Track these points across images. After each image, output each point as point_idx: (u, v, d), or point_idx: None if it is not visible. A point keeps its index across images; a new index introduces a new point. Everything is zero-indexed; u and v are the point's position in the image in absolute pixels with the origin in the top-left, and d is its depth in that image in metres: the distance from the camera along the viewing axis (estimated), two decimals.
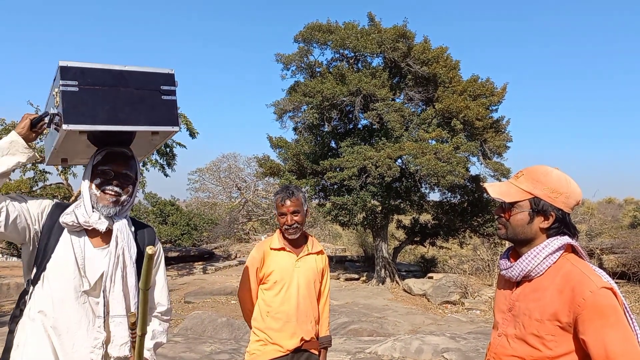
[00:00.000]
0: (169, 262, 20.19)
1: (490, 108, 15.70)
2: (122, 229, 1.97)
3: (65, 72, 1.76)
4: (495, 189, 1.77)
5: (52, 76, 1.87)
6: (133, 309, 1.97)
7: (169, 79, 1.95)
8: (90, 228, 1.93)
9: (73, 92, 1.76)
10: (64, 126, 1.73)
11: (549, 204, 1.68)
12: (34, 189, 14.37)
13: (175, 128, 1.94)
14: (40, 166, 14.22)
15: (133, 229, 2.06)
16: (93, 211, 1.93)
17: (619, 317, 1.53)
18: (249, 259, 3.05)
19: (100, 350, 1.90)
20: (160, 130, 1.93)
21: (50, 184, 14.75)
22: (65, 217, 1.91)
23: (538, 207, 1.69)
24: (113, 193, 1.95)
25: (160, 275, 2.19)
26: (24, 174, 14.28)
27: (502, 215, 1.77)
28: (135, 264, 1.99)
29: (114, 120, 1.82)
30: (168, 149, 15.56)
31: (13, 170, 1.87)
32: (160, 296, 2.19)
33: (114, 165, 1.98)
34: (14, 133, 1.84)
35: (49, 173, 14.52)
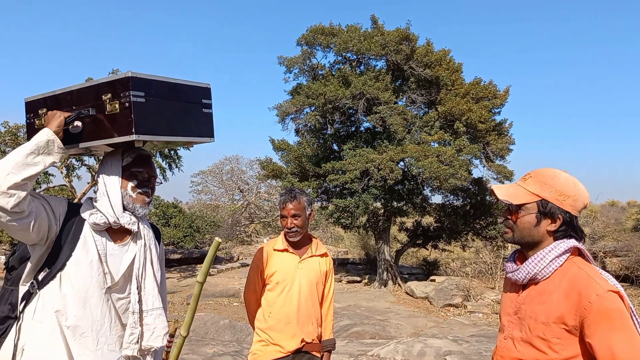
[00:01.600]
0: (171, 264, 20.21)
1: (493, 111, 15.73)
2: (146, 227, 2.04)
3: (135, 83, 1.82)
4: (503, 191, 1.75)
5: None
6: (157, 304, 2.00)
7: (207, 92, 2.09)
8: (117, 227, 1.94)
9: (141, 103, 1.83)
10: (134, 136, 1.80)
11: (556, 207, 1.68)
12: (36, 190, 14.40)
13: (212, 139, 2.10)
14: None
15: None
16: (124, 212, 1.95)
17: (626, 321, 1.52)
18: (253, 259, 3.08)
19: (136, 345, 1.92)
20: (202, 142, 2.12)
21: (54, 186, 14.79)
22: (96, 218, 1.89)
23: (545, 210, 1.68)
24: (147, 195, 2.01)
25: (163, 271, 2.22)
26: None
27: (509, 217, 1.76)
28: (158, 260, 2.06)
29: (170, 132, 1.96)
30: (172, 152, 15.58)
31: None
32: (162, 291, 2.20)
33: (147, 167, 2.02)
34: (49, 132, 1.80)
35: (53, 175, 14.56)
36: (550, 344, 1.61)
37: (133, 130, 1.80)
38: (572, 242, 1.68)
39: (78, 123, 1.89)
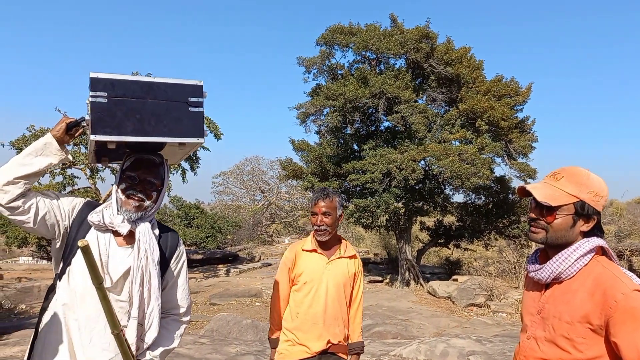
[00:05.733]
0: (194, 264, 20.41)
1: (515, 108, 15.51)
2: (145, 232, 2.00)
3: (96, 84, 1.82)
4: (541, 192, 1.70)
5: (80, 84, 1.92)
6: (155, 308, 1.99)
7: (197, 90, 1.97)
8: (114, 229, 1.98)
9: (102, 104, 1.82)
10: (92, 136, 1.80)
11: (592, 208, 1.66)
12: (62, 193, 14.65)
13: (201, 140, 1.97)
14: (69, 171, 14.54)
15: (157, 232, 2.09)
16: (118, 214, 1.99)
17: None
18: (282, 258, 3.10)
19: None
20: (187, 142, 1.96)
21: (79, 188, 15.07)
22: (93, 216, 1.97)
23: (583, 211, 1.66)
24: (137, 199, 1.99)
25: (182, 277, 2.22)
26: (54, 179, 14.60)
27: (541, 218, 1.71)
28: (158, 266, 2.02)
29: (141, 132, 1.87)
30: (192, 154, 15.75)
31: (46, 171, 1.93)
32: (180, 297, 2.21)
33: (140, 171, 2.02)
34: (49, 135, 1.90)
35: (77, 178, 14.83)
36: (575, 343, 1.59)
37: (90, 131, 1.80)
38: (597, 241, 1.66)
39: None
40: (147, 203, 2.02)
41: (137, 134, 1.86)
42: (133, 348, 1.94)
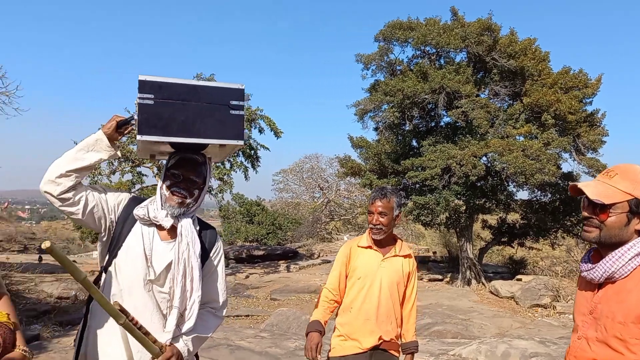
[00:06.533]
0: (255, 260, 20.88)
1: (584, 101, 14.79)
2: (187, 227, 2.10)
3: (143, 86, 1.93)
4: (593, 190, 1.66)
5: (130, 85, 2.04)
6: (196, 300, 2.07)
7: (239, 94, 2.05)
8: (157, 223, 2.09)
9: (149, 105, 1.92)
10: (138, 136, 1.92)
11: None
12: (132, 190, 15.43)
13: (240, 142, 2.06)
14: (138, 169, 15.25)
15: (198, 228, 2.18)
16: (162, 209, 2.09)
17: None
18: (338, 254, 3.14)
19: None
20: (227, 144, 2.05)
21: (147, 186, 15.77)
22: (138, 210, 2.08)
23: (638, 209, 1.61)
24: (180, 195, 2.09)
25: (219, 271, 2.28)
26: (123, 177, 15.38)
27: (594, 217, 1.67)
28: (199, 259, 2.11)
29: (185, 133, 1.97)
30: (252, 152, 16.11)
31: (95, 166, 2.05)
32: (216, 292, 2.27)
33: (183, 170, 2.11)
34: (100, 132, 2.01)
35: (145, 176, 15.54)
36: (628, 344, 1.55)
37: (137, 132, 1.90)
38: None
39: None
40: (189, 200, 2.12)
41: (181, 134, 1.96)
42: (169, 336, 2.01)
